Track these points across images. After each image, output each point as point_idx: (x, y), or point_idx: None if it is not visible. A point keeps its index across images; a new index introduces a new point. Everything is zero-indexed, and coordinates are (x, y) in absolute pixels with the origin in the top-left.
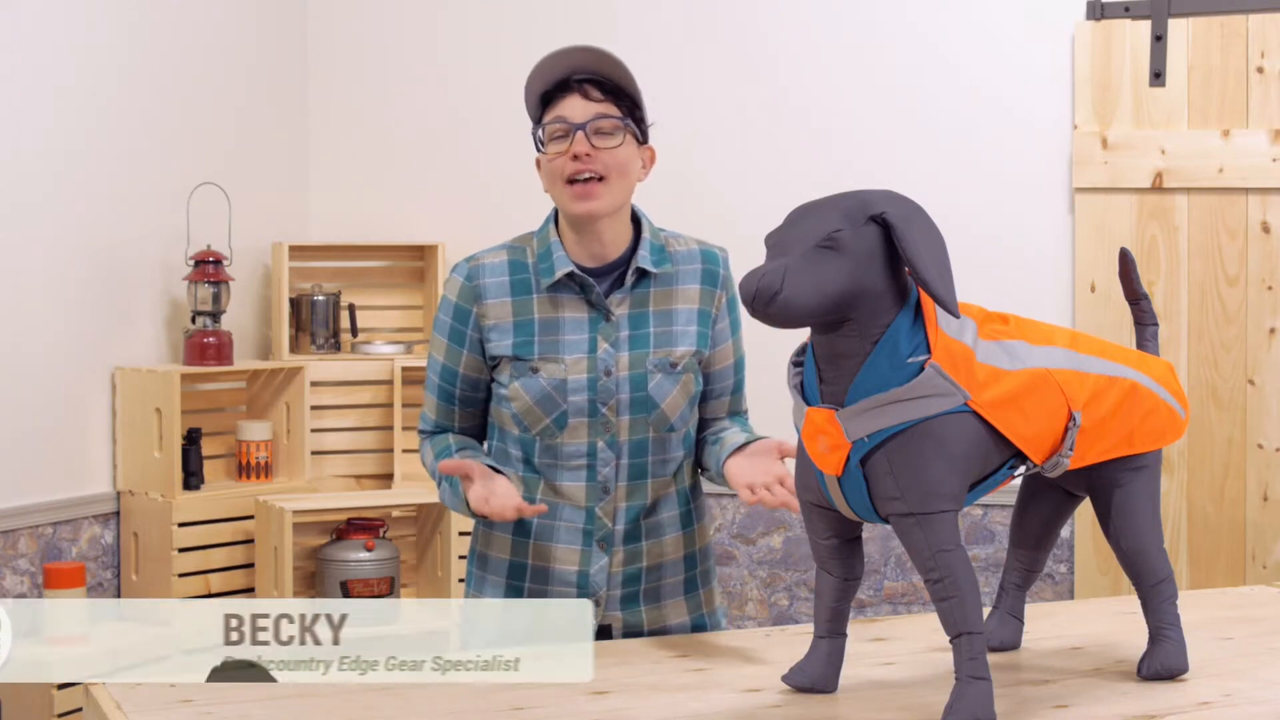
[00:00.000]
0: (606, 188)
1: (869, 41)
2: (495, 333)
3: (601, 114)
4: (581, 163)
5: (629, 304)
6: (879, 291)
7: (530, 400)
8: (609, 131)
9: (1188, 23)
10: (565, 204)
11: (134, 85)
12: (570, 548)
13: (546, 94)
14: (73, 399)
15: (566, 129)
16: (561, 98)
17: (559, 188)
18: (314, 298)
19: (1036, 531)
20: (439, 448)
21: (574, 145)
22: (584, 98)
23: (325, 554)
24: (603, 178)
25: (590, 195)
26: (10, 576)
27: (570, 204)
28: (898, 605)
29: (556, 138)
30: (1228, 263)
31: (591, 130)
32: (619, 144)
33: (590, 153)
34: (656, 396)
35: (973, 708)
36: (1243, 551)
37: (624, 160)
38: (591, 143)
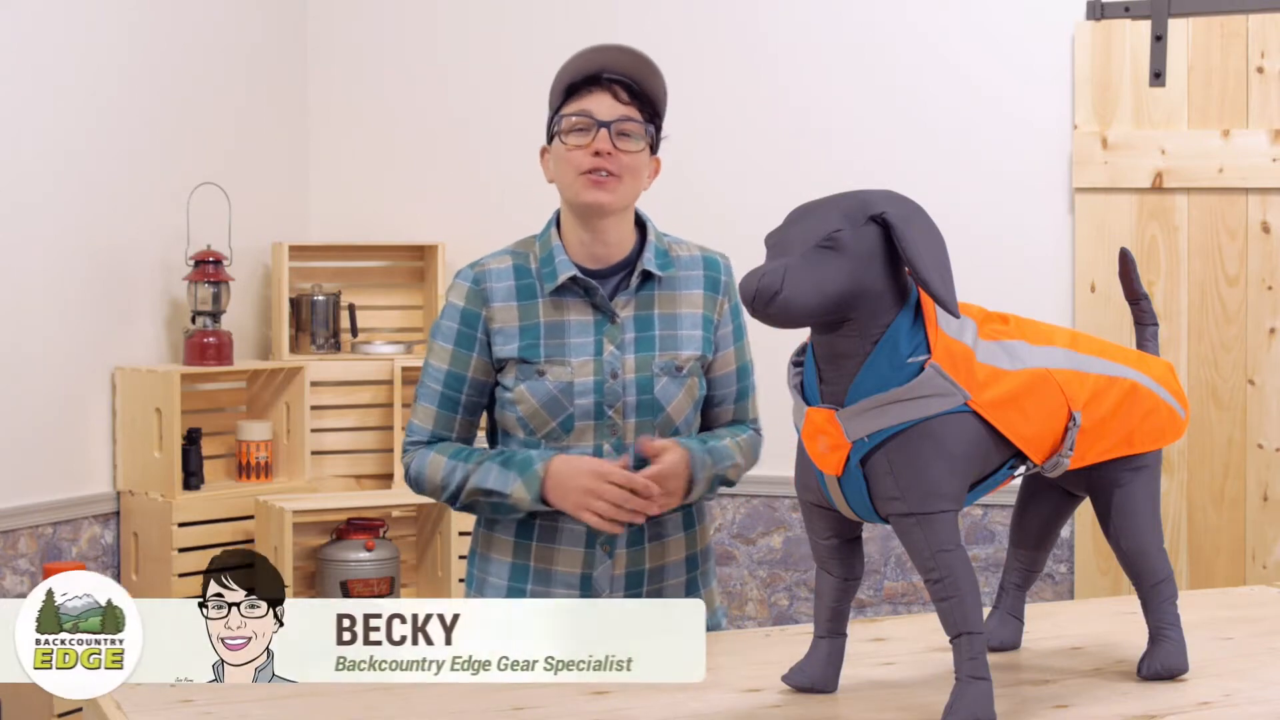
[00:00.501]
0: (619, 184)
1: (869, 41)
2: (501, 336)
3: (627, 116)
4: (601, 160)
5: (634, 306)
6: (879, 291)
7: (537, 403)
8: (631, 134)
9: (1188, 23)
10: (577, 192)
11: (134, 85)
12: (573, 550)
13: (574, 85)
14: (73, 399)
15: (590, 123)
16: (589, 92)
17: (571, 177)
18: (314, 298)
19: (1036, 531)
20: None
21: (597, 142)
22: (613, 97)
23: (325, 554)
24: (618, 175)
25: (604, 185)
26: (10, 576)
27: (583, 191)
28: (898, 605)
29: (578, 130)
30: (1228, 263)
31: (616, 130)
32: (639, 149)
33: (612, 152)
34: (662, 400)
35: (973, 708)
36: (1243, 551)
37: (639, 164)
38: (614, 142)
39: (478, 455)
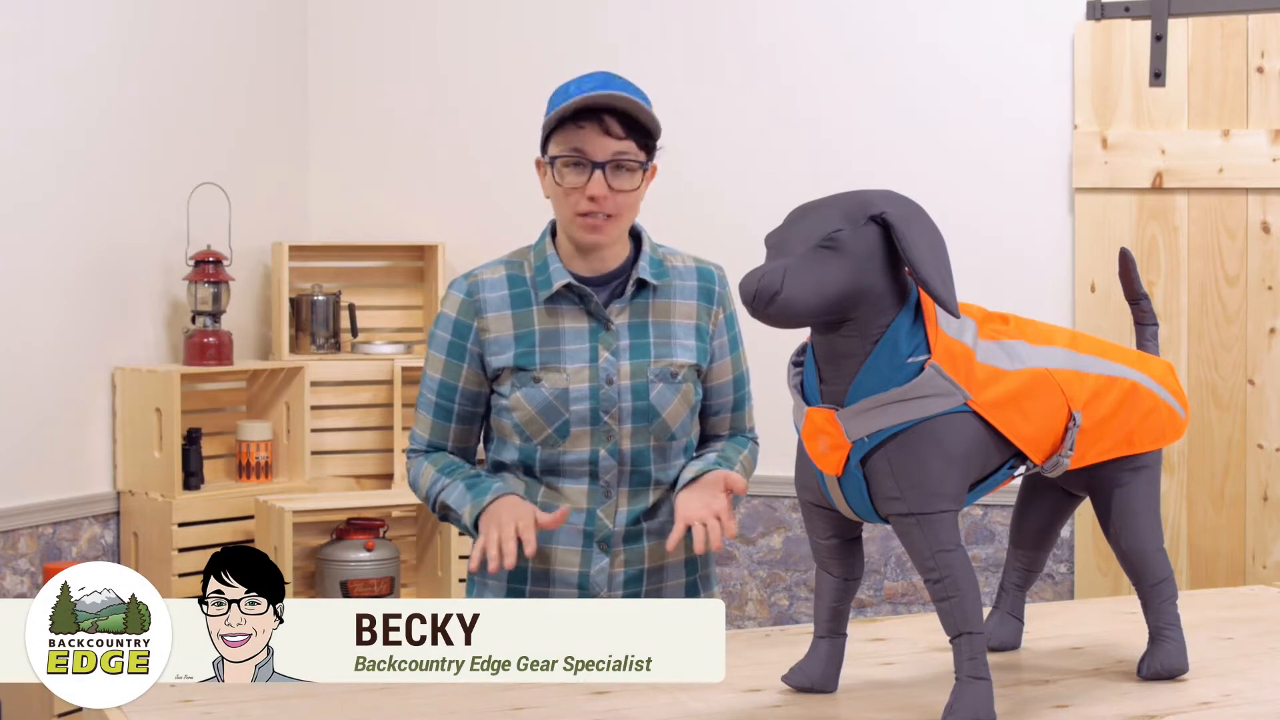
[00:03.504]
0: (615, 224)
1: (869, 42)
2: (496, 345)
3: (621, 153)
4: (597, 204)
5: (628, 314)
6: (879, 291)
7: (533, 410)
8: (626, 168)
9: (1188, 23)
10: (574, 232)
11: (134, 85)
12: (570, 549)
13: (568, 116)
14: (73, 399)
15: (584, 162)
16: (582, 128)
17: (567, 214)
18: (314, 298)
19: (1036, 531)
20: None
21: (591, 186)
22: (605, 133)
23: (325, 554)
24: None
25: (599, 229)
26: (10, 576)
27: (579, 234)
28: (898, 605)
29: (572, 165)
30: (1228, 263)
31: (610, 170)
32: (634, 187)
33: (607, 195)
34: (658, 405)
35: (973, 708)
36: (1243, 551)
37: (636, 198)
38: (609, 183)
39: (459, 473)
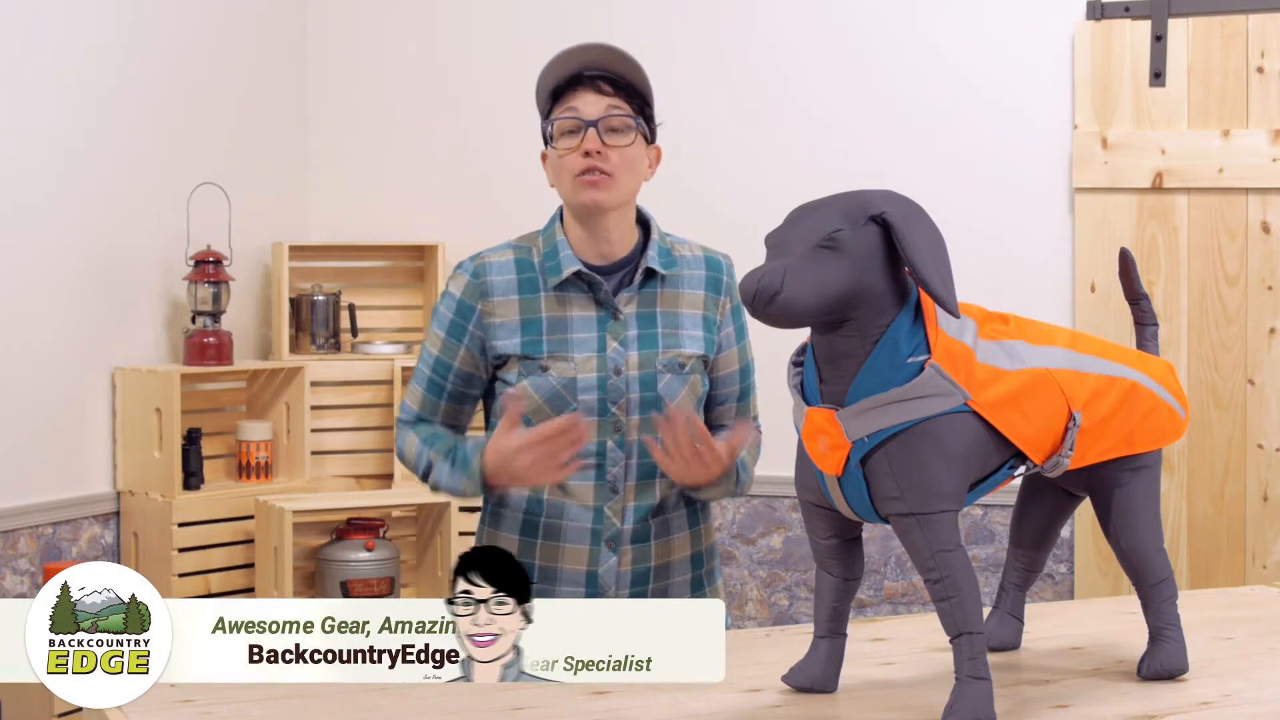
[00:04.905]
0: (614, 182)
1: (869, 41)
2: (502, 331)
3: (613, 108)
4: (592, 159)
5: (636, 303)
6: (879, 291)
7: (540, 399)
8: (620, 129)
9: (1188, 23)
10: (573, 193)
11: (134, 85)
12: (578, 547)
13: (558, 89)
14: (73, 399)
15: (578, 124)
16: (573, 92)
17: (567, 179)
18: (314, 298)
19: (1036, 531)
20: (426, 434)
21: (585, 142)
22: (596, 93)
23: (325, 554)
24: (611, 174)
25: (598, 185)
26: (10, 576)
27: (578, 192)
28: (898, 605)
29: (567, 132)
30: (1228, 263)
31: (604, 127)
32: (630, 142)
33: (601, 150)
34: (666, 396)
35: (973, 708)
36: (1243, 551)
37: (633, 158)
38: (603, 139)
39: (440, 444)
